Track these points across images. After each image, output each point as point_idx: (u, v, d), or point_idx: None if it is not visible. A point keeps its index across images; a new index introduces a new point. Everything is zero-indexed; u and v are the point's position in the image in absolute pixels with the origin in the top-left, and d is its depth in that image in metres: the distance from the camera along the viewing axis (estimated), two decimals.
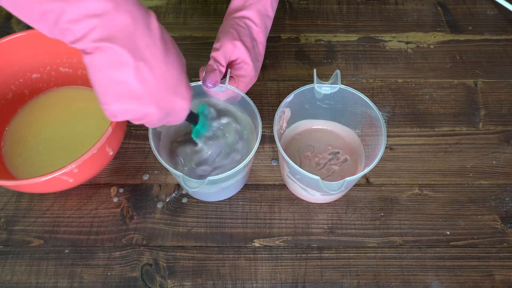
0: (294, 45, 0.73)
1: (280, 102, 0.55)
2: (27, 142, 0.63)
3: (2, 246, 0.58)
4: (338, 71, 0.56)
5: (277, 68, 0.71)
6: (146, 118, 0.44)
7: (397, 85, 0.69)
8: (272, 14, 0.61)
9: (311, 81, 0.56)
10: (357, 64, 0.71)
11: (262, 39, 0.59)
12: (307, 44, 0.73)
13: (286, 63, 0.71)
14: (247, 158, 0.50)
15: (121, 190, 0.61)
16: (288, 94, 0.55)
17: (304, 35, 0.74)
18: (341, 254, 0.57)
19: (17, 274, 0.56)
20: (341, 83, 0.55)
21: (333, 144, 0.62)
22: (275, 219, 0.59)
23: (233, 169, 0.50)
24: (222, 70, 0.54)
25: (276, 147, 0.57)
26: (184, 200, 0.60)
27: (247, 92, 0.59)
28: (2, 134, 0.63)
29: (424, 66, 0.71)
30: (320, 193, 0.56)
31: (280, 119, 0.57)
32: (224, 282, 0.55)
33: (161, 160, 0.50)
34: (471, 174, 0.62)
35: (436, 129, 0.66)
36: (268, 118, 0.66)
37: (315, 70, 0.56)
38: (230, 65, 0.57)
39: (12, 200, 0.60)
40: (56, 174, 0.50)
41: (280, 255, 0.57)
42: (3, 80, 0.62)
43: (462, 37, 0.74)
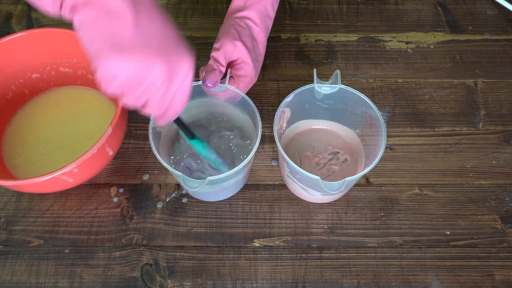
0: (294, 45, 0.73)
1: (280, 102, 0.55)
2: (27, 142, 0.63)
3: (2, 246, 0.58)
4: (338, 71, 0.55)
5: (277, 68, 0.71)
6: (148, 81, 0.37)
7: (397, 85, 0.69)
8: (273, 14, 0.61)
9: (311, 81, 0.56)
10: (357, 64, 0.71)
11: (263, 39, 0.59)
12: (307, 44, 0.73)
13: (286, 63, 0.71)
14: (247, 158, 0.50)
15: (121, 190, 0.61)
16: (288, 94, 0.55)
17: (304, 35, 0.74)
18: (341, 254, 0.57)
19: (17, 274, 0.56)
20: (341, 83, 0.55)
21: (333, 144, 0.62)
22: (275, 219, 0.59)
23: (233, 169, 0.50)
24: (222, 70, 0.54)
25: (276, 147, 0.57)
26: (184, 200, 0.60)
27: (247, 92, 0.59)
28: (2, 134, 0.63)
29: (424, 66, 0.71)
30: (320, 193, 0.56)
31: (280, 119, 0.57)
32: (224, 282, 0.55)
33: (161, 160, 0.50)
34: (471, 174, 0.62)
35: (436, 129, 0.66)
36: (268, 118, 0.66)
37: (315, 70, 0.56)
38: (230, 65, 0.57)
39: (12, 200, 0.60)
40: (56, 174, 0.50)
41: (280, 255, 0.57)
42: (3, 80, 0.62)
43: (462, 37, 0.74)
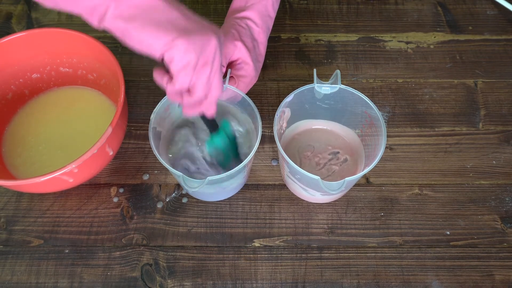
0: (294, 45, 0.73)
1: (280, 102, 0.55)
2: (27, 142, 0.63)
3: (2, 246, 0.58)
4: (338, 71, 0.55)
5: (277, 68, 0.71)
6: (211, 50, 0.44)
7: (397, 85, 0.69)
8: (274, 14, 0.61)
9: (311, 81, 0.56)
10: (357, 64, 0.71)
11: (263, 40, 0.59)
12: (307, 44, 0.73)
13: (286, 63, 0.71)
14: (247, 158, 0.50)
15: (121, 190, 0.61)
16: (288, 94, 0.55)
17: (304, 35, 0.74)
18: (341, 254, 0.57)
19: (17, 274, 0.56)
20: (341, 83, 0.55)
21: (333, 144, 0.62)
22: (275, 219, 0.59)
23: (233, 169, 0.50)
24: (223, 70, 0.54)
25: (276, 147, 0.57)
26: (184, 200, 0.60)
27: (247, 92, 0.59)
28: (2, 134, 0.63)
29: (424, 66, 0.71)
30: (320, 193, 0.56)
31: (280, 119, 0.57)
32: (224, 282, 0.55)
33: (161, 160, 0.50)
34: (471, 174, 0.62)
35: (436, 129, 0.66)
36: (268, 118, 0.66)
37: (315, 70, 0.56)
38: (231, 65, 0.57)
39: (12, 200, 0.60)
40: (56, 174, 0.50)
41: (280, 255, 0.57)
42: (3, 80, 0.62)
43: (462, 37, 0.74)
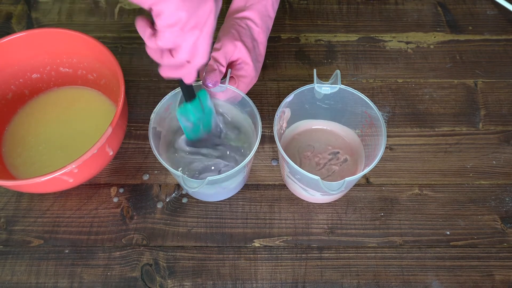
0: (294, 45, 0.73)
1: (280, 102, 0.55)
2: (27, 142, 0.63)
3: (2, 246, 0.58)
4: (338, 71, 0.55)
5: (277, 68, 0.71)
6: (205, 11, 0.43)
7: (397, 85, 0.69)
8: (273, 14, 0.61)
9: (311, 81, 0.56)
10: (357, 64, 0.71)
11: (263, 40, 0.59)
12: (307, 44, 0.73)
13: (286, 63, 0.71)
14: (247, 158, 0.50)
15: (121, 190, 0.61)
16: (288, 94, 0.55)
17: (304, 35, 0.74)
18: (341, 254, 0.57)
19: (17, 274, 0.56)
20: (341, 83, 0.55)
21: (333, 144, 0.62)
22: (275, 219, 0.59)
23: (233, 169, 0.50)
24: (222, 70, 0.54)
25: (276, 147, 0.57)
26: (184, 200, 0.60)
27: (247, 92, 0.59)
28: (2, 134, 0.63)
29: (424, 66, 0.71)
30: (320, 193, 0.56)
31: (280, 119, 0.57)
32: (224, 282, 0.55)
33: (161, 160, 0.50)
34: (471, 174, 0.62)
35: (436, 129, 0.66)
36: (268, 118, 0.66)
37: (315, 70, 0.56)
38: (231, 65, 0.57)
39: (12, 200, 0.60)
40: (56, 174, 0.50)
41: (280, 255, 0.57)
42: (3, 80, 0.62)
43: (462, 37, 0.74)
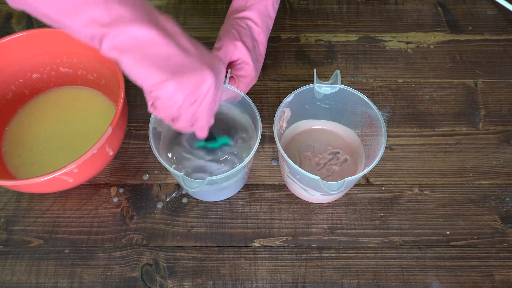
0: (294, 45, 0.73)
1: (280, 102, 0.55)
2: (27, 142, 0.63)
3: (2, 246, 0.58)
4: (338, 71, 0.55)
5: (277, 68, 0.71)
6: (203, 90, 0.43)
7: (397, 85, 0.69)
8: (274, 15, 0.61)
9: (311, 81, 0.56)
10: (357, 64, 0.71)
11: (263, 40, 0.59)
12: (307, 44, 0.73)
13: (286, 63, 0.71)
14: (247, 158, 0.50)
15: (121, 190, 0.61)
16: (288, 94, 0.55)
17: (304, 35, 0.74)
18: (341, 254, 0.57)
19: (17, 274, 0.56)
20: (341, 83, 0.55)
21: (333, 144, 0.62)
22: (275, 219, 0.59)
23: (233, 169, 0.50)
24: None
25: (276, 147, 0.57)
26: (184, 200, 0.60)
27: (247, 92, 0.59)
28: (2, 134, 0.63)
29: (424, 66, 0.71)
30: (320, 193, 0.56)
31: (280, 119, 0.57)
32: (224, 282, 0.55)
33: (161, 160, 0.50)
34: (471, 174, 0.62)
35: (436, 129, 0.66)
36: (268, 118, 0.66)
37: (315, 70, 0.56)
38: (231, 65, 0.57)
39: (12, 200, 0.60)
40: (56, 174, 0.50)
41: (280, 255, 0.57)
42: (3, 80, 0.62)
43: (462, 37, 0.74)
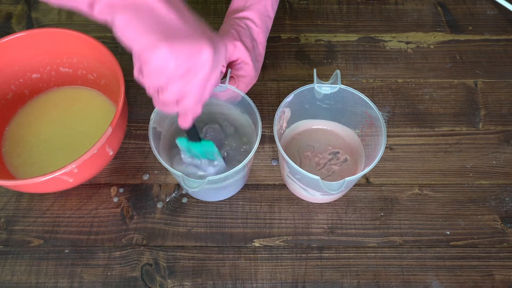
0: (294, 45, 0.73)
1: (280, 102, 0.55)
2: (27, 142, 0.63)
3: (2, 246, 0.58)
4: (338, 71, 0.55)
5: (277, 68, 0.71)
6: (198, 61, 0.40)
7: (397, 85, 0.69)
8: (273, 14, 0.61)
9: (311, 81, 0.56)
10: (357, 64, 0.71)
11: (263, 40, 0.59)
12: (307, 44, 0.73)
13: (286, 63, 0.71)
14: (247, 158, 0.50)
15: (121, 190, 0.61)
16: (288, 94, 0.55)
17: (304, 35, 0.74)
18: (341, 254, 0.57)
19: (17, 274, 0.56)
20: (341, 83, 0.55)
21: (333, 144, 0.62)
22: (275, 219, 0.59)
23: (233, 169, 0.50)
24: (222, 70, 0.54)
25: (276, 147, 0.57)
26: (184, 200, 0.60)
27: (247, 92, 0.59)
28: (2, 134, 0.63)
29: (424, 66, 0.71)
30: (320, 193, 0.56)
31: (280, 119, 0.57)
32: (224, 282, 0.55)
33: (161, 160, 0.50)
34: (471, 174, 0.62)
35: (436, 129, 0.66)
36: (268, 118, 0.66)
37: (315, 70, 0.56)
38: (231, 65, 0.57)
39: (12, 200, 0.60)
40: (56, 174, 0.50)
41: (280, 255, 0.57)
42: (3, 80, 0.62)
43: (462, 37, 0.74)
